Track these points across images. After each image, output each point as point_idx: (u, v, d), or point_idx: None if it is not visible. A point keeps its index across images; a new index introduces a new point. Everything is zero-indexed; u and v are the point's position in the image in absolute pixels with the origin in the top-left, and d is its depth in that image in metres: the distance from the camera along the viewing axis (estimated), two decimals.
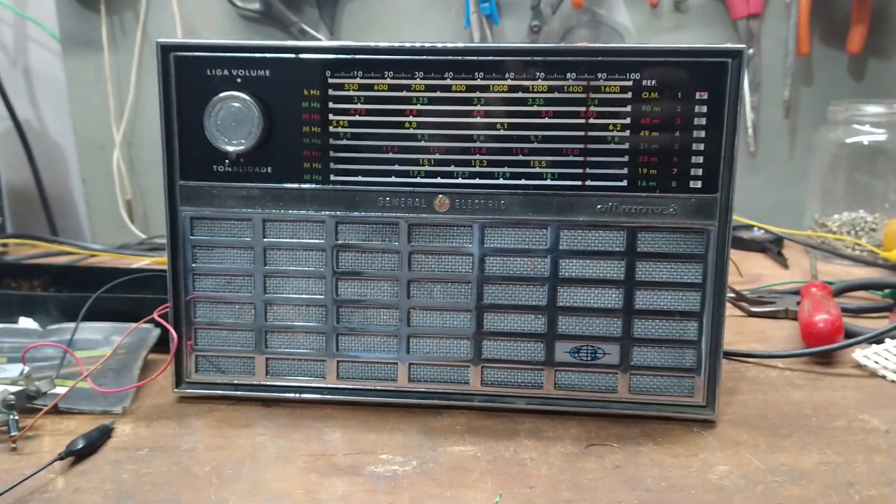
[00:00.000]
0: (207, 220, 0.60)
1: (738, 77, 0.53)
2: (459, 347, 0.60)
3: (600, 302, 0.58)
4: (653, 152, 0.55)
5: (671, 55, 0.54)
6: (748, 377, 0.65)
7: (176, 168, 0.59)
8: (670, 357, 0.58)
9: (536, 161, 0.56)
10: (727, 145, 0.55)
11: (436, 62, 0.56)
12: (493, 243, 0.58)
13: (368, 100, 0.57)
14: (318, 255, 0.60)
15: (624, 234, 0.57)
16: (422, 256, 0.59)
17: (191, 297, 0.61)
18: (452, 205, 0.58)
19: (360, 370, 0.61)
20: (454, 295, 0.59)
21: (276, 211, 0.59)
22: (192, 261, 0.60)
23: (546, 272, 0.58)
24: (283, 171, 0.58)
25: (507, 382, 0.60)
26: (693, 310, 0.57)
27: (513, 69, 0.55)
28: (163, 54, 0.57)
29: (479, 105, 0.56)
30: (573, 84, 0.55)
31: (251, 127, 0.57)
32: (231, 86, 0.57)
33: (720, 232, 0.56)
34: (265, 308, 0.61)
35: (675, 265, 0.57)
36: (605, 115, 0.55)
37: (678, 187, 0.56)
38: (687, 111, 0.55)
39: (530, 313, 0.59)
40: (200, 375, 0.62)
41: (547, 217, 0.57)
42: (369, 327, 0.60)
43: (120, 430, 0.57)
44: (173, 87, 0.58)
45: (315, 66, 0.57)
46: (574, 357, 0.59)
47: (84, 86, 1.21)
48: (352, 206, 0.58)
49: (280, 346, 0.61)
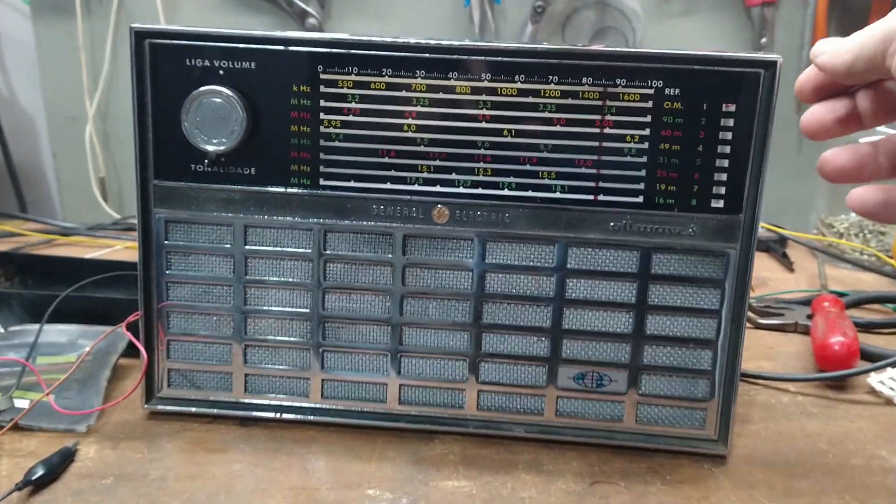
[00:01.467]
0: (184, 223, 0.55)
1: (770, 90, 0.49)
2: (454, 369, 0.55)
3: (609, 326, 0.54)
4: (672, 167, 0.51)
5: (697, 62, 0.49)
6: (759, 402, 0.61)
7: (150, 166, 0.54)
8: (681, 387, 0.54)
9: (545, 172, 0.52)
10: (754, 163, 0.50)
11: (439, 61, 0.51)
12: (495, 259, 0.53)
13: (364, 98, 0.52)
14: (303, 265, 0.55)
15: (637, 254, 0.52)
16: (417, 270, 0.54)
17: (164, 305, 0.56)
18: (452, 216, 0.53)
19: (347, 390, 0.57)
20: (451, 312, 0.55)
21: (260, 216, 0.54)
22: (165, 267, 0.55)
23: (551, 292, 0.53)
24: (267, 173, 0.53)
25: (505, 408, 0.56)
26: (708, 338, 0.53)
27: (523, 71, 0.50)
28: (137, 41, 0.52)
29: (485, 109, 0.51)
30: (589, 90, 0.50)
31: (234, 125, 0.52)
32: (213, 79, 0.52)
33: (742, 256, 0.51)
34: (245, 320, 0.56)
35: (691, 290, 0.53)
36: (623, 125, 0.50)
37: (698, 206, 0.51)
38: (712, 124, 0.50)
39: (532, 335, 0.54)
40: (173, 390, 0.57)
41: (554, 233, 0.52)
42: (357, 344, 0.56)
43: (84, 453, 0.52)
44: (148, 78, 0.52)
45: (306, 60, 0.51)
46: (578, 383, 0.54)
47: (55, 54, 1.14)
48: (342, 214, 0.54)
49: (260, 362, 0.57)
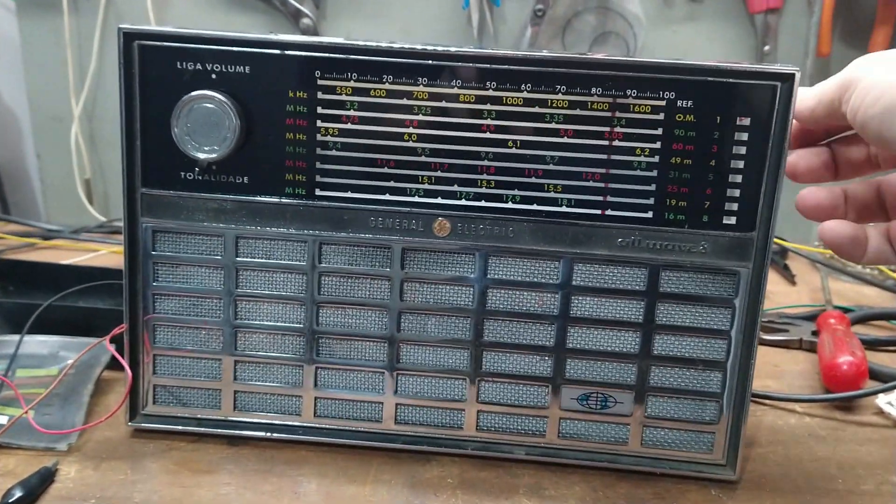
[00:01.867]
0: (172, 233, 0.52)
1: (786, 103, 0.47)
2: (453, 387, 0.53)
3: (614, 345, 0.52)
4: (683, 182, 0.49)
5: (711, 74, 0.47)
6: (766, 424, 0.59)
7: (137, 174, 0.51)
8: (689, 409, 0.52)
9: (551, 185, 0.50)
10: (769, 179, 0.48)
11: (442, 68, 0.48)
12: (498, 274, 0.51)
13: (363, 106, 0.49)
14: (297, 278, 0.53)
15: (645, 271, 0.50)
16: (416, 285, 0.52)
17: (150, 317, 0.54)
18: (453, 229, 0.51)
19: (341, 408, 0.54)
20: (450, 329, 0.52)
21: (252, 227, 0.52)
22: (152, 278, 0.53)
23: (555, 309, 0.51)
24: (261, 182, 0.51)
25: (506, 429, 0.53)
26: (717, 359, 0.51)
27: (529, 80, 0.48)
28: (125, 43, 0.49)
29: (490, 118, 0.49)
30: (598, 100, 0.48)
31: (226, 131, 0.49)
32: (205, 83, 0.50)
33: (754, 275, 0.49)
34: (235, 334, 0.54)
35: (701, 309, 0.51)
36: (632, 138, 0.49)
37: (710, 223, 0.49)
38: (725, 138, 0.48)
39: (535, 354, 0.52)
40: (158, 407, 0.55)
41: (560, 248, 0.50)
42: (353, 361, 0.53)
43: (64, 473, 0.50)
44: (137, 81, 0.50)
45: (303, 65, 0.49)
46: (582, 404, 0.52)
47: (41, 51, 1.11)
48: (338, 226, 0.51)
49: (250, 378, 0.54)
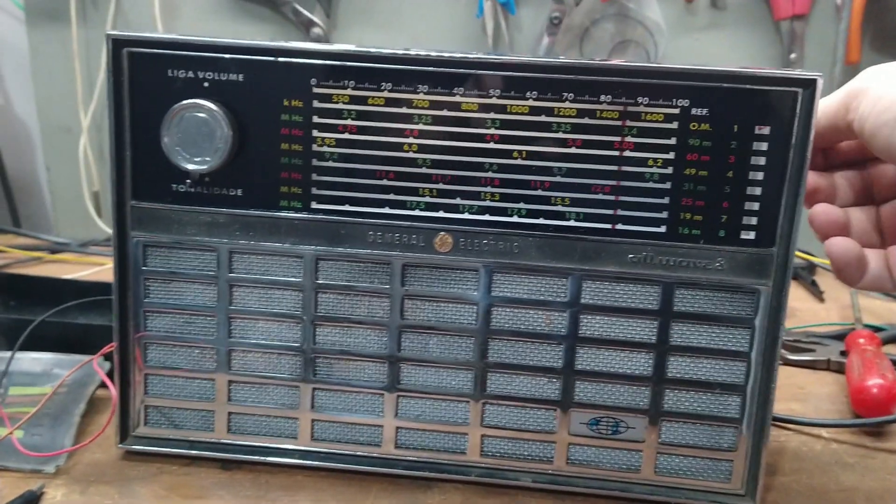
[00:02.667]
0: (164, 248, 0.50)
1: (808, 111, 0.44)
2: (456, 410, 0.51)
3: (626, 367, 0.49)
4: (699, 195, 0.46)
5: (728, 80, 0.45)
6: (790, 450, 0.56)
7: (127, 186, 0.49)
8: (706, 435, 0.49)
9: (559, 198, 0.47)
10: (789, 192, 0.45)
11: (443, 74, 0.46)
12: (503, 292, 0.49)
13: (361, 115, 0.47)
14: (293, 294, 0.50)
15: (659, 289, 0.48)
16: (417, 302, 0.50)
17: (141, 335, 0.52)
18: (456, 244, 0.48)
19: (339, 431, 0.52)
20: (453, 349, 0.50)
21: (246, 242, 0.50)
22: (143, 295, 0.51)
23: (564, 329, 0.49)
24: (255, 195, 0.49)
25: (512, 454, 0.51)
26: (736, 382, 0.48)
27: (535, 87, 0.46)
28: (114, 50, 0.48)
29: (493, 128, 0.47)
30: (608, 109, 0.46)
31: (218, 142, 0.47)
32: (196, 91, 0.48)
33: (774, 294, 0.47)
34: (229, 354, 0.51)
35: (718, 329, 0.48)
36: (644, 148, 0.46)
37: (727, 238, 0.46)
38: (743, 148, 0.45)
39: (542, 376, 0.50)
40: (149, 429, 0.53)
41: (568, 265, 0.48)
42: (351, 381, 0.51)
43: (50, 496, 0.48)
44: (126, 90, 0.48)
45: (298, 73, 0.47)
46: (592, 429, 0.50)
47: (49, 63, 1.10)
48: (336, 241, 0.49)
49: (245, 399, 0.52)
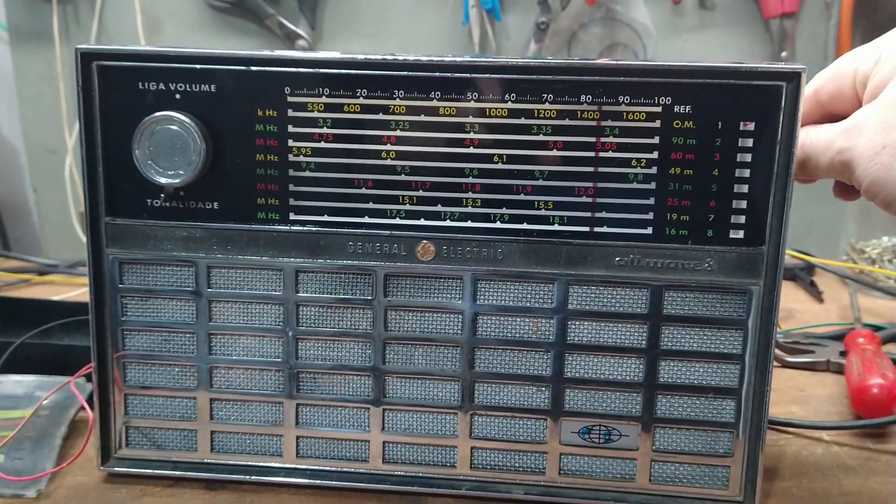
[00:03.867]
0: (140, 264, 0.49)
1: (793, 105, 0.43)
2: (445, 423, 0.49)
3: (617, 373, 0.48)
4: (685, 194, 0.45)
5: (710, 76, 0.44)
6: (790, 454, 0.55)
7: (100, 202, 0.48)
8: (701, 441, 0.48)
9: (541, 202, 0.46)
10: (777, 188, 0.44)
11: (420, 79, 0.45)
12: (488, 300, 0.48)
13: (336, 123, 0.46)
14: (274, 309, 0.49)
15: (647, 292, 0.46)
16: (400, 313, 0.48)
17: (120, 354, 0.50)
18: (438, 252, 0.47)
19: (324, 448, 0.51)
20: (439, 360, 0.49)
21: (224, 256, 0.48)
22: (121, 313, 0.50)
23: (551, 336, 0.47)
24: (232, 208, 0.48)
25: (502, 466, 0.49)
26: (730, 386, 0.47)
27: (513, 89, 0.45)
28: (83, 63, 0.47)
29: (473, 132, 0.46)
30: (588, 109, 0.45)
31: (192, 154, 0.46)
32: (168, 104, 0.47)
33: (766, 293, 0.45)
34: (210, 371, 0.50)
35: (710, 332, 0.47)
36: (627, 148, 0.45)
37: (715, 238, 0.45)
38: (728, 145, 0.44)
39: (531, 384, 0.48)
40: (131, 450, 0.51)
41: (553, 270, 0.47)
42: (335, 396, 0.50)
43: None
44: (97, 104, 0.47)
45: (271, 82, 0.46)
46: (584, 438, 0.48)
47: (34, 83, 1.09)
48: (315, 252, 0.48)
49: (228, 417, 0.51)
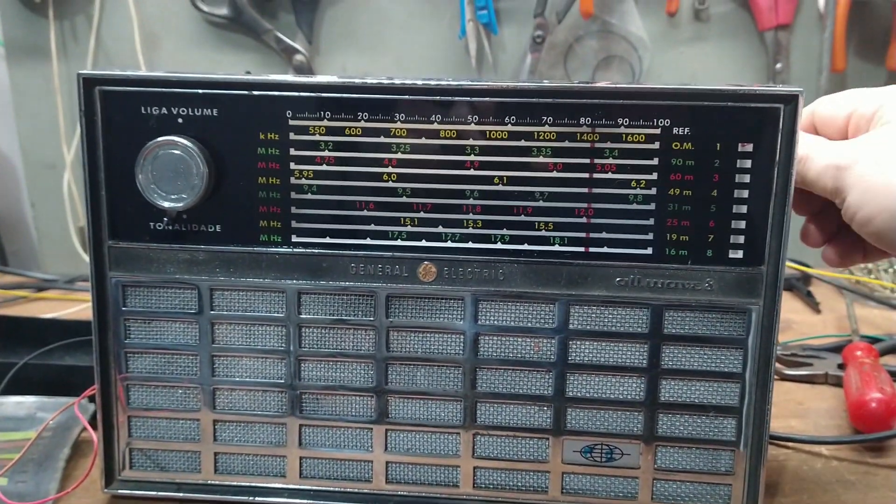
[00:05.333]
0: (143, 287, 0.49)
1: (791, 126, 0.43)
2: (447, 442, 0.50)
3: (618, 392, 0.48)
4: (684, 215, 0.45)
5: (708, 98, 0.44)
6: (790, 469, 0.55)
7: (104, 226, 0.49)
8: (702, 459, 0.48)
9: (542, 223, 0.46)
10: (776, 208, 0.45)
11: (420, 102, 0.46)
12: (489, 320, 0.48)
13: (338, 146, 0.47)
14: (276, 330, 0.49)
15: (647, 312, 0.47)
16: (402, 334, 0.49)
17: (123, 376, 0.51)
18: (440, 273, 0.48)
19: (328, 468, 0.51)
20: (441, 380, 0.49)
21: (227, 278, 0.49)
22: (124, 335, 0.50)
23: (553, 356, 0.48)
24: (234, 231, 0.48)
25: (505, 486, 0.50)
26: (731, 404, 0.47)
27: (513, 112, 0.45)
28: (86, 88, 0.47)
29: (473, 154, 0.46)
30: (588, 131, 0.45)
31: (194, 178, 0.46)
32: (170, 128, 0.47)
33: (766, 313, 0.46)
34: (213, 392, 0.50)
35: (710, 351, 0.47)
36: (627, 169, 0.45)
37: (714, 258, 0.46)
38: (727, 166, 0.45)
39: (533, 404, 0.49)
40: (135, 472, 0.52)
41: (554, 290, 0.47)
42: (338, 416, 0.50)
43: None
44: (99, 129, 0.47)
45: (273, 105, 0.46)
46: (586, 457, 0.49)
47: (31, 98, 1.09)
48: (317, 274, 0.48)
49: (231, 438, 0.51)
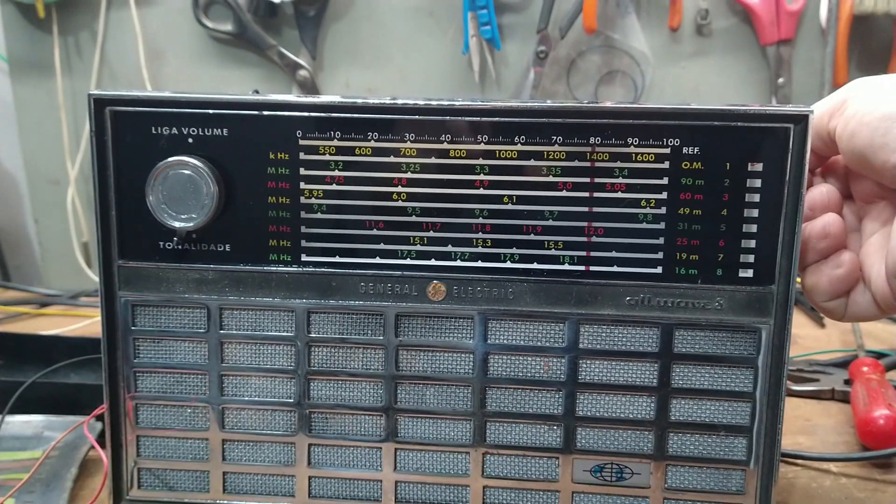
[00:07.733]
0: (152, 307, 0.49)
1: (801, 146, 0.44)
2: (457, 462, 0.50)
3: (628, 412, 0.48)
4: (694, 234, 0.46)
5: (718, 118, 0.44)
6: (799, 487, 0.55)
7: (113, 245, 0.49)
8: (713, 478, 0.48)
9: (551, 242, 0.46)
10: (786, 228, 0.45)
11: (430, 122, 0.46)
12: (499, 339, 0.48)
13: (348, 166, 0.47)
14: (286, 349, 0.49)
15: (658, 331, 0.47)
16: (412, 353, 0.49)
17: (132, 395, 0.50)
18: (449, 292, 0.48)
19: (337, 487, 0.51)
20: (451, 399, 0.49)
21: (236, 298, 0.49)
22: (133, 355, 0.50)
23: (562, 375, 0.48)
24: (244, 250, 0.48)
25: None
26: (741, 424, 0.47)
27: (523, 131, 0.45)
28: (96, 109, 0.47)
29: (483, 174, 0.46)
30: (597, 151, 0.45)
31: (204, 198, 0.47)
32: (181, 148, 0.47)
33: (777, 332, 0.46)
34: (222, 412, 0.50)
35: (721, 370, 0.47)
36: (637, 189, 0.45)
37: (725, 277, 0.46)
38: (736, 186, 0.45)
39: (543, 423, 0.49)
40: (144, 492, 0.51)
41: (564, 309, 0.47)
42: (348, 436, 0.50)
43: None
44: (110, 149, 0.47)
45: (283, 125, 0.47)
46: (595, 477, 0.49)
47: (35, 114, 1.09)
48: (327, 293, 0.48)
49: (240, 458, 0.51)
